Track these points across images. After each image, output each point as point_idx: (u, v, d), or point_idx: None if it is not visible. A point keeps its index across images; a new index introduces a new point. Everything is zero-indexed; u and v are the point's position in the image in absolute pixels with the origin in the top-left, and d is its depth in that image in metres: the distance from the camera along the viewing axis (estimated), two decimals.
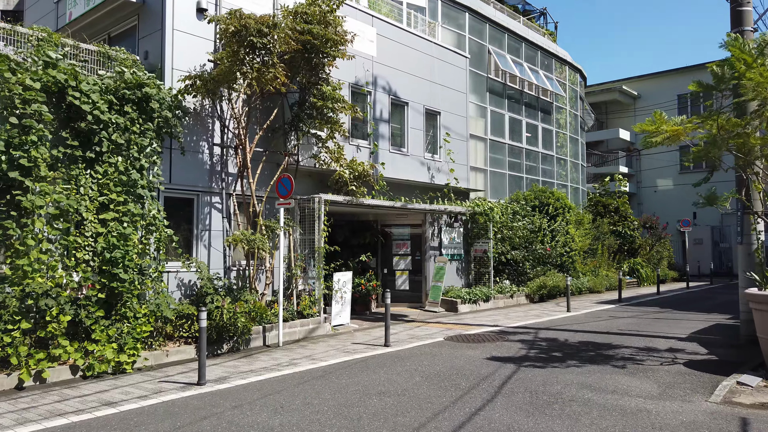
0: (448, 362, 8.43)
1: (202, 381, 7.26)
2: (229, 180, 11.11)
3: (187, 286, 10.38)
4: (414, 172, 15.30)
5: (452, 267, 16.21)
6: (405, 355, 9.04)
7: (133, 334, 8.64)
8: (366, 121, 14.11)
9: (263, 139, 11.53)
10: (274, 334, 10.38)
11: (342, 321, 12.30)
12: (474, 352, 9.21)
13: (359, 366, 8.26)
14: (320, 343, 10.34)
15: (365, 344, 10.14)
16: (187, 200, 10.61)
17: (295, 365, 8.40)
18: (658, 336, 10.79)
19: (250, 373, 7.89)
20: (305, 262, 12.13)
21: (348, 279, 12.52)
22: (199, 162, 10.71)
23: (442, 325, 12.62)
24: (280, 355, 9.25)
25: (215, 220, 10.86)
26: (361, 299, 14.19)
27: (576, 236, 20.23)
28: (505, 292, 16.59)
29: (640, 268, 24.90)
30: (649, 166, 38.84)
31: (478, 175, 19.39)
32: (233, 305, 9.61)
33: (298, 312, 11.29)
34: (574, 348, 9.57)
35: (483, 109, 19.84)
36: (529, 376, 7.46)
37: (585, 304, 16.73)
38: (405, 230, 15.94)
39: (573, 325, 12.30)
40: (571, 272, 19.77)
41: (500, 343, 10.13)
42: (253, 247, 10.31)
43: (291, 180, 10.32)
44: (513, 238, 17.55)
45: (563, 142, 24.91)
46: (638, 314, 14.35)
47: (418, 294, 15.82)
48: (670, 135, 9.31)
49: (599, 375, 7.50)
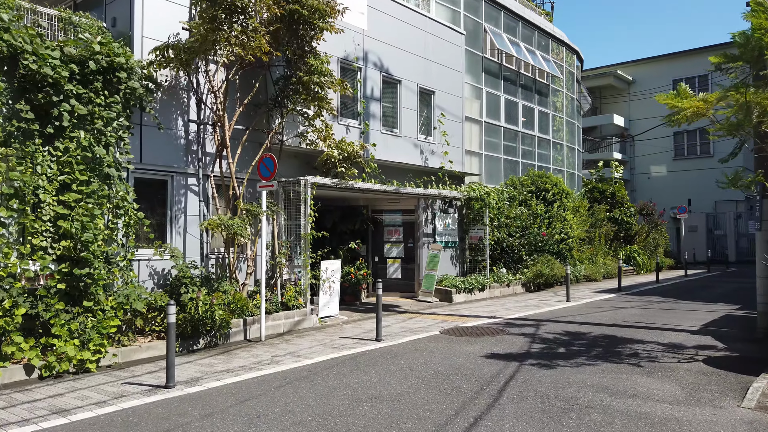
0: (446, 360, 7.66)
1: (170, 384, 6.44)
2: (206, 160, 10.22)
3: (161, 275, 9.52)
4: (407, 155, 14.46)
5: (446, 255, 15.45)
6: (398, 352, 8.27)
7: (98, 329, 7.79)
8: (356, 100, 13.23)
9: (244, 117, 10.63)
10: (256, 327, 9.57)
11: (330, 312, 11.50)
12: (473, 348, 8.45)
13: (348, 364, 7.47)
14: (306, 337, 9.55)
15: (355, 338, 9.36)
16: (161, 182, 9.71)
17: (277, 363, 7.60)
18: (668, 329, 10.10)
19: (226, 374, 7.08)
20: (291, 250, 11.29)
21: (336, 268, 11.71)
22: (173, 140, 9.80)
23: (437, 316, 11.87)
24: (262, 352, 8.45)
25: (191, 204, 9.98)
26: (351, 289, 13.40)
27: (573, 223, 19.53)
28: (502, 281, 15.87)
29: (636, 255, 24.32)
30: (643, 152, 38.27)
31: (473, 159, 18.57)
32: (210, 296, 8.77)
33: (282, 303, 10.48)
34: (581, 342, 8.84)
35: (478, 90, 18.97)
36: (537, 376, 6.71)
37: (584, 294, 16.07)
38: (397, 216, 15.12)
39: (575, 317, 11.59)
40: (568, 260, 19.08)
41: (500, 337, 9.39)
42: (232, 233, 9.45)
43: (274, 160, 9.46)
44: (509, 225, 16.80)
45: (560, 126, 24.13)
46: (641, 304, 13.68)
47: (411, 283, 15.05)
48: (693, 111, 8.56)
49: (614, 375, 6.77)
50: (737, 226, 34.89)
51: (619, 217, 24.78)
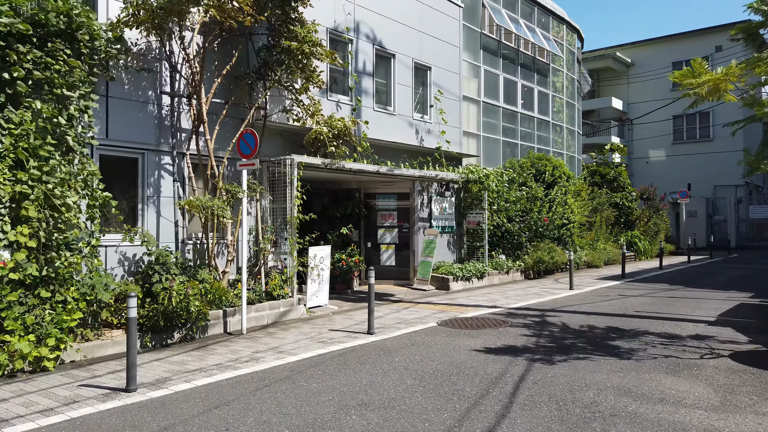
0: (446, 356, 6.89)
1: (131, 387, 5.64)
2: (181, 137, 9.34)
3: (132, 262, 8.68)
4: (401, 134, 13.59)
5: (443, 240, 14.65)
6: (392, 347, 7.48)
7: (58, 323, 6.96)
8: (347, 74, 12.33)
9: (224, 89, 9.74)
10: (237, 319, 8.77)
11: (319, 302, 10.71)
12: (475, 342, 7.68)
13: (336, 362, 6.68)
14: (292, 330, 8.75)
15: (345, 331, 8.57)
16: (131, 160, 8.83)
17: (257, 361, 6.80)
18: (683, 319, 9.37)
19: (198, 374, 6.27)
20: (276, 235, 10.47)
21: (326, 254, 10.90)
22: (145, 114, 8.90)
23: (434, 306, 11.10)
24: (242, 347, 7.65)
25: (165, 185, 9.11)
26: (342, 277, 12.59)
27: (574, 207, 18.76)
28: (501, 268, 15.11)
29: (638, 241, 23.61)
30: (641, 136, 37.51)
31: (471, 140, 17.71)
32: (185, 286, 7.94)
33: (266, 293, 9.67)
34: (592, 335, 8.09)
35: (476, 69, 18.06)
36: (548, 376, 5.94)
37: (587, 281, 15.34)
38: (391, 199, 14.29)
39: (582, 306, 10.85)
40: (569, 246, 18.34)
41: (503, 329, 8.62)
42: (210, 216, 8.60)
43: (255, 136, 8.58)
44: (509, 209, 16.00)
45: (559, 107, 23.27)
46: (649, 292, 12.96)
47: (406, 270, 14.27)
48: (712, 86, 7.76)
49: (635, 374, 6.01)
50: (738, 211, 34.26)
51: (620, 201, 24.04)
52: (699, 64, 7.80)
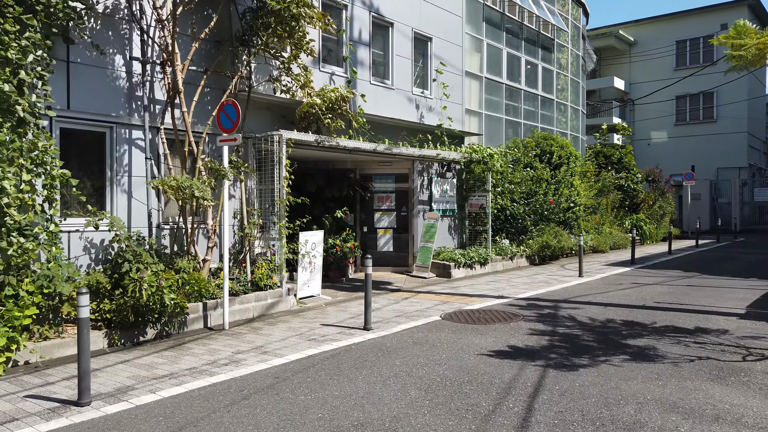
0: (454, 359, 6.02)
1: (83, 400, 4.75)
2: (155, 109, 8.36)
3: (100, 249, 7.76)
4: (400, 110, 12.62)
5: (444, 224, 13.76)
6: (392, 346, 6.61)
7: (9, 320, 6.05)
8: (341, 43, 11.31)
9: (203, 56, 8.75)
10: (219, 312, 7.88)
11: (311, 292, 9.83)
12: (485, 340, 6.82)
13: (328, 366, 5.81)
14: (280, 325, 7.87)
15: (339, 326, 7.70)
16: (97, 135, 7.86)
17: (238, 364, 5.92)
18: (710, 311, 8.54)
19: (166, 381, 5.39)
20: (264, 219, 9.55)
21: (319, 240, 9.99)
22: (112, 83, 7.91)
23: (435, 295, 10.23)
24: (222, 345, 6.77)
25: (137, 163, 8.16)
26: (336, 264, 11.70)
27: (581, 189, 17.88)
28: (505, 253, 14.24)
29: (643, 225, 22.77)
30: (643, 117, 36.56)
31: (472, 118, 16.74)
32: (158, 276, 7.03)
33: (252, 283, 8.77)
34: (615, 331, 7.24)
35: (479, 42, 17.02)
36: (576, 385, 5.08)
37: (595, 267, 14.50)
38: (389, 181, 13.35)
39: (595, 296, 10.01)
40: (574, 230, 17.49)
41: (515, 324, 7.76)
42: (188, 198, 7.65)
43: (237, 107, 7.61)
44: (513, 191, 15.10)
45: (564, 85, 22.26)
46: (664, 280, 12.13)
47: (404, 256, 13.38)
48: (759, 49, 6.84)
49: (677, 382, 5.15)
50: (742, 194, 33.48)
51: (625, 184, 23.17)
52: (743, 26, 6.89)
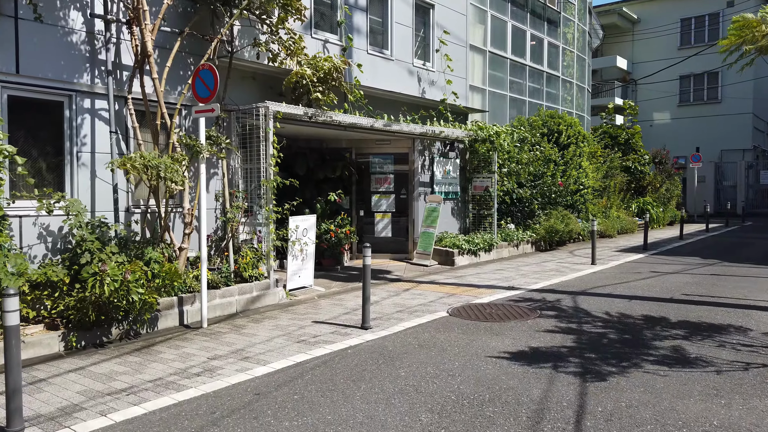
0: (468, 367, 5.10)
1: (12, 427, 3.78)
2: (121, 76, 7.32)
3: (58, 237, 6.77)
4: (400, 83, 11.59)
5: (446, 208, 12.79)
6: (395, 350, 5.69)
7: None
8: (336, 7, 10.24)
9: (178, 14, 7.69)
10: (197, 308, 6.93)
11: (302, 282, 8.89)
12: (502, 342, 5.90)
13: (320, 377, 4.88)
14: (266, 322, 6.94)
15: (333, 324, 6.77)
16: (53, 105, 6.83)
17: (212, 374, 4.98)
18: (746, 305, 7.65)
19: (123, 397, 4.44)
20: (250, 202, 8.57)
21: (311, 225, 9.03)
22: (70, 44, 6.86)
23: (439, 286, 9.31)
24: (197, 348, 5.83)
25: (101, 138, 7.14)
26: (330, 251, 10.74)
27: (589, 171, 16.93)
28: (511, 239, 13.32)
29: (650, 208, 21.88)
30: (646, 97, 35.53)
31: (475, 95, 15.71)
32: (123, 269, 6.06)
33: (236, 273, 7.82)
34: (648, 330, 6.33)
35: (482, 14, 15.92)
36: (622, 405, 4.16)
37: (606, 254, 13.61)
38: (387, 161, 12.34)
39: (616, 287, 9.10)
40: (582, 214, 16.59)
41: (533, 321, 6.85)
42: (155, 178, 6.65)
43: (214, 72, 6.58)
44: (520, 173, 14.13)
45: (569, 61, 21.19)
46: (684, 268, 11.24)
47: (404, 242, 12.43)
48: None
49: (742, 401, 4.24)
50: (748, 176, 32.65)
51: (632, 165, 22.24)
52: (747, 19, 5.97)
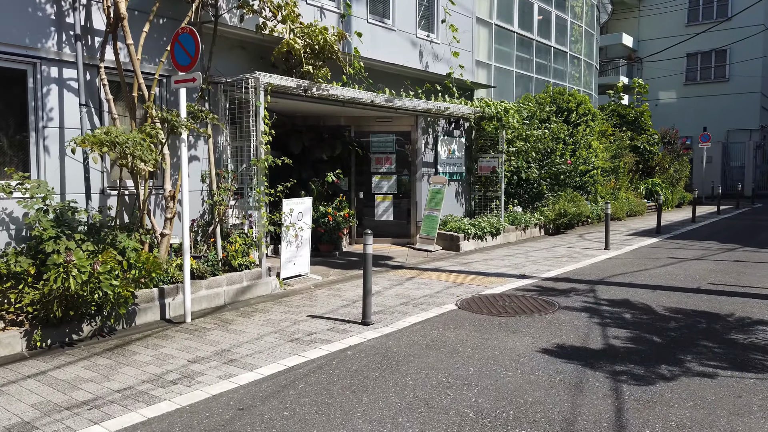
0: (486, 375, 4.44)
1: None
2: (92, 42, 6.55)
3: (23, 224, 6.07)
4: (402, 55, 10.80)
5: (451, 190, 12.08)
6: (399, 351, 5.03)
7: None
8: None
9: None
10: (180, 300, 6.27)
11: (297, 270, 8.22)
12: (520, 342, 5.24)
13: (314, 386, 4.22)
14: (256, 316, 6.27)
15: (330, 318, 6.11)
16: (14, 74, 6.08)
17: (191, 381, 4.32)
18: None
19: (84, 413, 3.78)
20: (240, 183, 7.86)
21: (306, 208, 8.33)
22: (34, 5, 6.08)
23: (445, 274, 8.65)
24: (177, 348, 5.16)
25: (71, 111, 6.40)
26: (328, 235, 10.05)
27: (599, 151, 16.19)
28: (519, 222, 12.63)
29: (659, 189, 21.17)
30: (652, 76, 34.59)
31: (480, 71, 14.90)
32: (91, 259, 5.38)
33: (224, 261, 7.14)
34: (682, 327, 5.67)
35: None
36: (672, 426, 3.50)
37: (618, 237, 12.94)
38: (389, 139, 11.59)
39: (636, 275, 8.44)
40: (591, 195, 15.89)
41: (552, 315, 6.19)
42: (122, 157, 5.91)
43: (195, 37, 5.83)
44: (528, 152, 13.39)
45: (578, 36, 20.32)
46: (704, 254, 10.58)
47: (405, 225, 11.74)
48: None
49: None
50: (756, 157, 31.90)
51: (641, 145, 21.47)
52: None
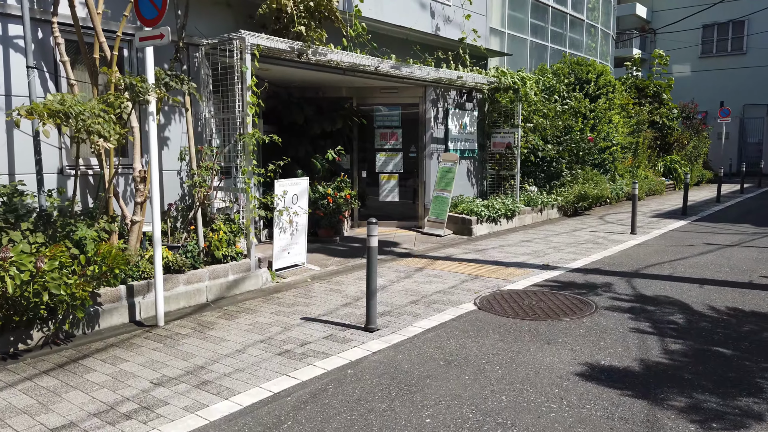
0: (523, 409, 3.49)
1: None
2: None
3: None
4: (410, 17, 9.69)
5: (461, 168, 11.07)
6: (412, 371, 4.09)
7: None
8: None
9: None
10: (152, 298, 5.34)
11: (293, 260, 7.28)
12: (558, 358, 4.30)
13: (304, 426, 3.28)
14: (242, 318, 5.34)
15: (328, 321, 5.17)
16: None
17: (149, 414, 3.39)
18: None
19: None
20: (227, 161, 6.87)
21: (302, 190, 7.34)
22: None
23: (458, 263, 7.69)
24: (141, 363, 4.23)
25: (18, 76, 5.38)
26: (327, 219, 9.07)
27: (620, 126, 15.09)
28: (535, 204, 11.64)
29: (678, 167, 20.11)
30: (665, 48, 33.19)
31: (493, 39, 13.76)
32: (36, 255, 4.43)
33: (206, 252, 6.19)
34: (749, 332, 4.72)
35: None
36: None
37: (642, 219, 11.94)
38: (395, 113, 10.54)
39: (674, 266, 7.47)
40: (610, 173, 14.85)
41: (591, 319, 5.24)
42: (76, 131, 4.91)
43: None
44: (546, 127, 12.32)
45: (595, 3, 19.06)
46: (741, 239, 9.59)
47: (412, 206, 10.75)
48: None
49: None
50: None
51: (660, 120, 20.32)
52: None
